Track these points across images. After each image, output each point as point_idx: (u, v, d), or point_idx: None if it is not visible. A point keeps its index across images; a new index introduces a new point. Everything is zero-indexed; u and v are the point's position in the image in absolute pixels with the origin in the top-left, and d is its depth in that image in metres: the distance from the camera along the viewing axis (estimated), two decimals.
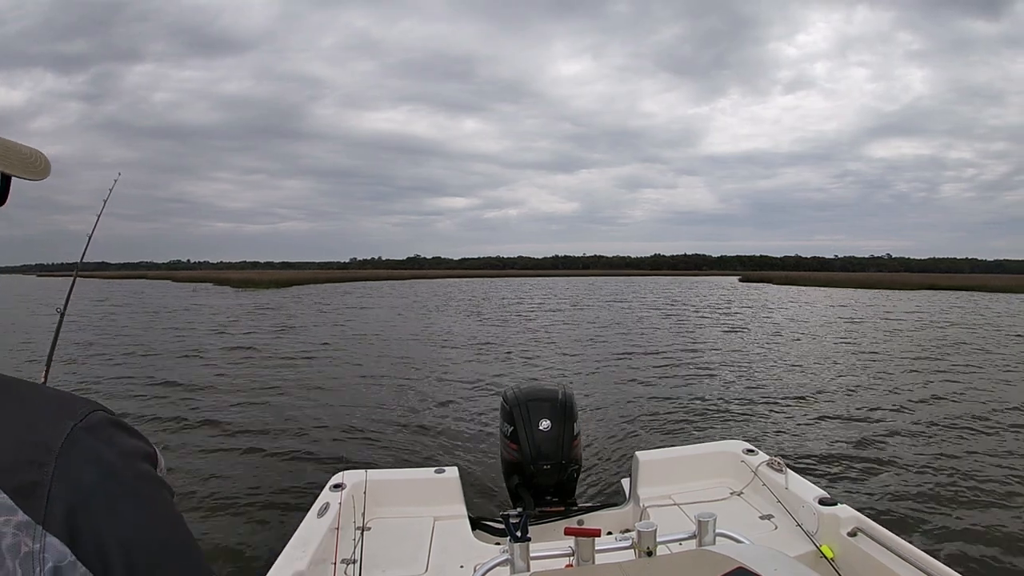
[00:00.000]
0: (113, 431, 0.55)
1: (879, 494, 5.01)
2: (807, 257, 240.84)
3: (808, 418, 7.51)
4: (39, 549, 0.48)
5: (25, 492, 0.48)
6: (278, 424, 7.31)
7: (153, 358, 12.81)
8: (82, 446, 0.52)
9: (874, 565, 2.08)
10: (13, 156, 0.65)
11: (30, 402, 0.54)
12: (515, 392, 3.36)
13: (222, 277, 70.95)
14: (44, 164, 0.68)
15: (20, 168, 0.65)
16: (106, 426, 0.55)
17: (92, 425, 0.54)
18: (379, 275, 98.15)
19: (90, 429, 0.53)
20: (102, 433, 0.54)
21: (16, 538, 0.48)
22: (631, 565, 1.46)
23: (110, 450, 0.53)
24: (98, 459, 0.52)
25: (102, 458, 0.52)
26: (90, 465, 0.51)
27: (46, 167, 0.68)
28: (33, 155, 0.68)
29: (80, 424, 0.53)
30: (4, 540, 0.47)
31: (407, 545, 2.49)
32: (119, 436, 0.55)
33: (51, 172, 0.69)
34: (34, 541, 0.48)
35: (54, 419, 0.53)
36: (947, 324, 20.32)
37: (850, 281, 63.52)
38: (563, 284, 67.54)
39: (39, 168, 0.67)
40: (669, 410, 7.94)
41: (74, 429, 0.52)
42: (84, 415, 0.54)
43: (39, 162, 0.68)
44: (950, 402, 8.32)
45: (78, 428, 0.52)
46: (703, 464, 3.09)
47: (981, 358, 12.53)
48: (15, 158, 0.65)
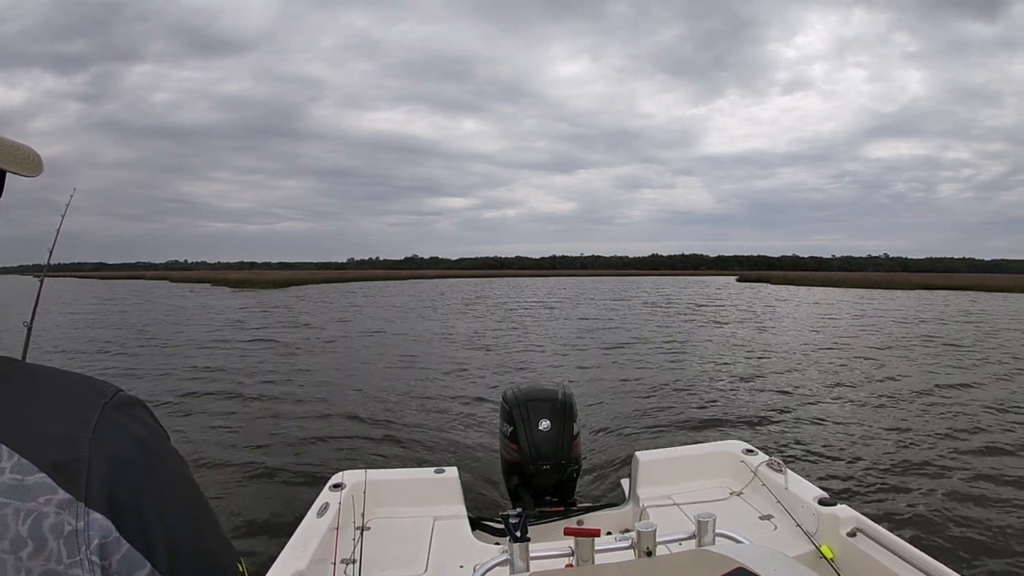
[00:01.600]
0: (139, 409, 0.57)
1: (879, 494, 5.02)
2: (805, 257, 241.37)
3: (808, 418, 7.52)
4: (83, 527, 0.48)
5: (63, 469, 0.49)
6: (278, 424, 7.30)
7: (150, 356, 12.80)
8: (116, 422, 0.53)
9: (873, 565, 2.08)
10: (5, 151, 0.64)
11: (58, 383, 0.55)
12: (515, 392, 3.36)
13: (220, 277, 70.83)
14: (36, 160, 0.68)
15: (13, 164, 0.65)
16: (133, 404, 0.57)
17: (121, 403, 0.55)
18: (377, 275, 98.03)
19: (120, 407, 0.55)
20: (131, 411, 0.56)
21: (59, 517, 0.47)
22: (631, 565, 1.46)
23: (141, 427, 0.55)
24: (132, 435, 0.54)
25: (135, 434, 0.54)
26: (125, 440, 0.53)
27: (38, 163, 0.68)
28: (26, 151, 0.67)
29: (110, 402, 0.54)
30: (46, 520, 0.47)
31: (407, 545, 2.49)
32: (145, 414, 0.57)
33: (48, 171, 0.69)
34: (77, 519, 0.48)
35: (85, 398, 0.54)
36: (946, 324, 20.35)
37: (848, 281, 63.57)
38: (561, 284, 67.50)
39: (32, 164, 0.67)
40: (669, 410, 7.95)
41: (106, 407, 0.53)
42: (113, 393, 0.56)
43: (31, 159, 0.67)
44: (950, 402, 8.32)
45: (109, 406, 0.54)
46: (703, 464, 3.09)
47: (981, 358, 12.55)
48: (7, 154, 0.65)
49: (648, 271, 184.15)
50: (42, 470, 0.48)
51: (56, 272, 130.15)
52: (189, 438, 6.61)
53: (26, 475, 0.47)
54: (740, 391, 9.20)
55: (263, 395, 8.94)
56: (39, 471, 0.48)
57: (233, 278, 65.46)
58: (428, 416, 7.59)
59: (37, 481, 0.48)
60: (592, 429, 6.75)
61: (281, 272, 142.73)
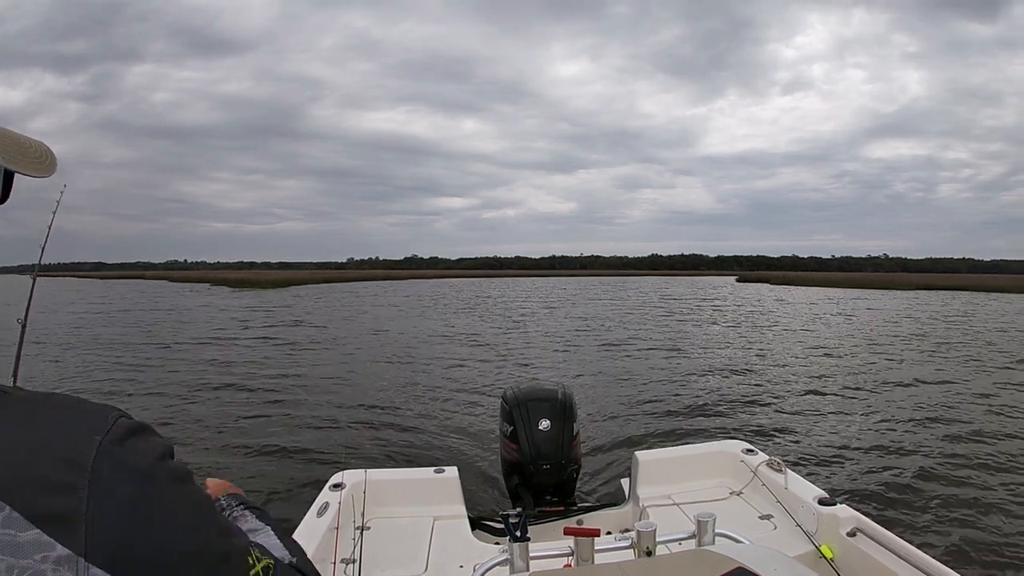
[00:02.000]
0: (138, 437, 0.52)
1: (878, 494, 5.02)
2: (804, 257, 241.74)
3: (807, 418, 7.52)
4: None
5: (60, 523, 0.45)
6: (277, 424, 7.30)
7: (148, 356, 12.79)
8: (114, 460, 0.48)
9: (873, 565, 2.08)
10: (15, 150, 0.61)
11: (52, 418, 0.50)
12: (515, 392, 3.35)
13: (219, 277, 70.85)
14: (50, 160, 0.65)
15: (24, 164, 0.61)
16: (132, 434, 0.52)
17: (120, 436, 0.50)
18: (376, 275, 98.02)
19: (118, 441, 0.50)
20: (129, 442, 0.51)
21: (57, 574, 0.44)
22: (630, 565, 1.46)
23: (142, 458, 0.50)
24: (133, 471, 0.49)
25: (137, 469, 0.49)
26: (125, 479, 0.48)
27: (52, 162, 0.65)
28: (38, 149, 0.64)
29: (107, 437, 0.49)
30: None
31: (407, 545, 2.48)
32: (145, 441, 0.52)
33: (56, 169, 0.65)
34: (77, 574, 0.45)
35: (81, 435, 0.49)
36: (946, 324, 20.36)
37: (847, 281, 63.62)
38: (560, 284, 67.51)
39: (45, 164, 0.64)
40: (668, 410, 7.95)
41: (102, 444, 0.49)
42: (112, 424, 0.51)
43: (44, 157, 0.64)
44: (950, 403, 8.32)
45: (106, 442, 0.49)
46: (702, 464, 3.08)
47: (981, 358, 12.56)
48: (18, 152, 0.61)
49: (648, 271, 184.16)
50: (37, 525, 0.44)
51: (55, 272, 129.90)
52: (190, 437, 6.61)
53: (19, 531, 0.44)
54: (740, 391, 9.19)
55: (262, 394, 8.94)
56: (34, 527, 0.44)
57: (233, 278, 65.50)
58: (428, 416, 7.59)
59: (32, 538, 0.44)
60: (592, 429, 6.75)
61: (281, 272, 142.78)
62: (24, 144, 0.62)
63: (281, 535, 0.82)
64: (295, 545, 0.82)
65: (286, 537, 0.83)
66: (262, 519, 0.87)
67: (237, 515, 0.88)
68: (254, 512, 0.89)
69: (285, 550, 0.78)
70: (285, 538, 0.82)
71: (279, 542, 0.79)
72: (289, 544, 0.81)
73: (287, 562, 0.72)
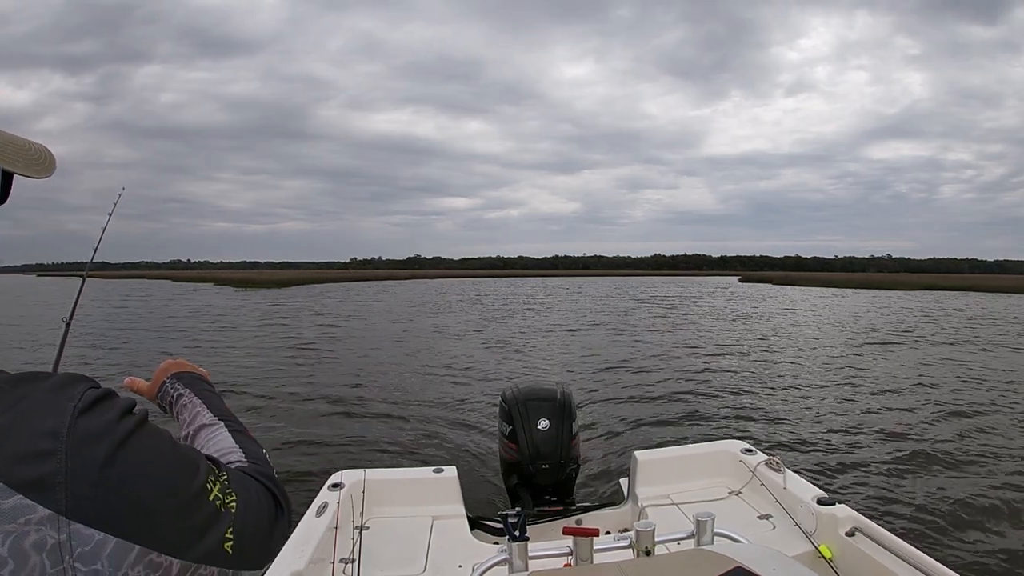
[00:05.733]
0: (107, 403, 0.56)
1: (877, 494, 5.01)
2: (807, 257, 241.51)
3: (807, 418, 7.51)
4: (66, 539, 0.49)
5: (40, 487, 0.49)
6: (275, 423, 7.30)
7: (146, 355, 12.80)
8: (87, 425, 0.53)
9: (872, 565, 2.07)
10: (14, 152, 0.62)
11: (30, 393, 0.54)
12: (513, 391, 3.34)
13: (222, 277, 71.03)
14: (49, 161, 0.66)
15: (23, 165, 0.63)
16: (101, 399, 0.56)
17: (90, 403, 0.55)
18: (379, 275, 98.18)
19: (88, 408, 0.54)
20: (100, 407, 0.55)
21: (40, 533, 0.48)
22: (629, 565, 1.46)
23: (114, 422, 0.55)
24: (102, 432, 0.53)
25: (106, 430, 0.54)
26: (95, 440, 0.52)
27: (51, 164, 0.66)
28: (38, 151, 0.65)
29: (79, 403, 0.54)
30: (27, 539, 0.47)
31: (405, 544, 2.48)
32: (114, 406, 0.57)
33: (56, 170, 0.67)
34: (59, 532, 0.48)
35: (56, 406, 0.53)
36: (948, 324, 20.30)
37: (850, 281, 63.47)
38: (563, 284, 67.46)
39: (44, 165, 0.65)
40: (667, 410, 7.94)
41: (75, 411, 0.53)
42: (82, 393, 0.55)
43: (44, 159, 0.65)
44: (950, 403, 8.29)
45: (78, 408, 0.53)
46: (701, 464, 3.07)
47: (981, 358, 12.52)
48: (17, 154, 0.63)
49: (650, 271, 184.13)
50: (18, 491, 0.48)
51: (55, 272, 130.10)
52: None
53: (3, 499, 0.47)
54: (739, 390, 9.18)
55: (261, 393, 8.94)
56: (16, 493, 0.48)
57: (235, 278, 65.68)
58: (427, 415, 7.58)
59: (14, 504, 0.47)
60: (591, 429, 6.74)
61: (283, 272, 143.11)
62: (23, 146, 0.64)
63: (233, 431, 0.83)
64: (248, 442, 0.82)
65: (237, 433, 0.83)
66: (213, 409, 0.86)
67: (180, 406, 0.88)
68: (203, 399, 0.88)
69: (238, 449, 0.79)
70: (236, 434, 0.82)
71: (232, 442, 0.80)
72: (242, 442, 0.81)
73: (235, 466, 0.73)
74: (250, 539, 0.65)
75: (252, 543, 0.65)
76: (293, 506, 0.77)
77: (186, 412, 0.87)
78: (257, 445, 0.83)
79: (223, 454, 0.78)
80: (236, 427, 0.84)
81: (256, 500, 0.69)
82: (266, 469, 0.77)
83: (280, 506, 0.73)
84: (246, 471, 0.73)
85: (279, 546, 0.74)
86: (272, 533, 0.71)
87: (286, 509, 0.75)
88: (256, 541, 0.66)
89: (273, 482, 0.75)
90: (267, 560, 0.70)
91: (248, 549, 0.64)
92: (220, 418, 0.85)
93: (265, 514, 0.70)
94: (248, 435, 0.84)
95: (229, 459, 0.76)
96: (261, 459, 0.80)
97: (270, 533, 0.70)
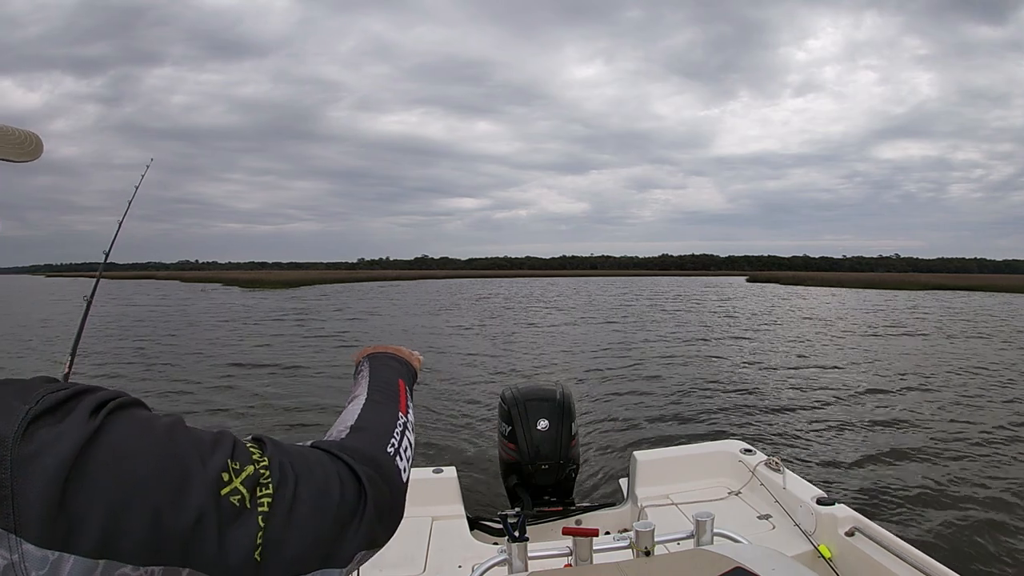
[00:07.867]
0: (71, 403, 0.48)
1: (877, 494, 4.99)
2: (815, 257, 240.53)
3: (806, 418, 7.47)
4: (19, 559, 0.42)
5: None
6: (274, 421, 7.33)
7: (147, 354, 12.91)
8: (41, 432, 0.45)
9: (871, 565, 2.07)
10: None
11: None
12: (513, 391, 3.34)
13: (231, 277, 71.43)
14: (35, 144, 0.65)
15: (6, 150, 0.62)
16: (65, 401, 0.48)
17: (49, 406, 0.47)
18: (387, 275, 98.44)
19: (47, 411, 0.46)
20: (61, 411, 0.47)
21: None
22: (629, 565, 1.45)
23: (74, 427, 0.46)
24: (62, 441, 0.45)
25: (62, 436, 0.45)
26: (52, 451, 0.44)
27: (37, 147, 0.65)
28: (21, 135, 0.64)
29: (35, 407, 0.46)
30: None
31: (405, 545, 2.47)
32: (80, 407, 0.48)
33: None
34: (11, 552, 0.42)
35: (5, 408, 0.45)
36: (952, 324, 20.15)
37: (858, 281, 63.10)
38: (570, 284, 67.36)
39: (28, 149, 0.64)
40: (667, 410, 7.92)
41: (28, 414, 0.45)
42: (41, 396, 0.47)
43: (28, 142, 0.64)
44: (949, 403, 8.24)
45: (32, 412, 0.45)
46: (701, 464, 3.07)
47: (982, 358, 12.42)
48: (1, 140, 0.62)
49: (658, 271, 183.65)
50: None
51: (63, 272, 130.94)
52: None
53: None
54: (739, 390, 9.14)
55: (259, 392, 8.98)
56: None
57: (244, 278, 66.02)
58: (426, 415, 7.55)
59: None
60: (590, 429, 6.73)
61: (291, 272, 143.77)
62: (5, 130, 0.63)
63: (372, 402, 0.76)
64: (376, 416, 0.73)
65: (375, 404, 0.76)
66: (373, 381, 0.83)
67: (354, 383, 0.86)
68: (374, 373, 0.86)
69: (353, 421, 0.70)
70: (372, 405, 0.75)
71: (355, 414, 0.72)
72: (367, 414, 0.73)
73: (330, 440, 0.65)
74: (296, 540, 0.53)
75: (299, 544, 0.53)
76: (388, 499, 0.64)
77: (354, 388, 0.84)
78: (391, 419, 0.73)
79: (338, 427, 0.69)
80: (380, 399, 0.77)
81: (318, 489, 0.56)
82: (368, 448, 0.65)
83: (364, 496, 0.60)
84: (328, 448, 0.62)
85: (364, 545, 0.60)
86: (344, 531, 0.57)
87: (382, 501, 0.62)
88: (307, 541, 0.54)
89: (369, 463, 0.62)
90: (338, 563, 0.57)
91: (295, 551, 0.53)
92: (371, 389, 0.79)
93: (331, 507, 0.57)
94: (389, 408, 0.75)
95: (336, 432, 0.68)
96: (374, 436, 0.68)
97: (339, 531, 0.57)
